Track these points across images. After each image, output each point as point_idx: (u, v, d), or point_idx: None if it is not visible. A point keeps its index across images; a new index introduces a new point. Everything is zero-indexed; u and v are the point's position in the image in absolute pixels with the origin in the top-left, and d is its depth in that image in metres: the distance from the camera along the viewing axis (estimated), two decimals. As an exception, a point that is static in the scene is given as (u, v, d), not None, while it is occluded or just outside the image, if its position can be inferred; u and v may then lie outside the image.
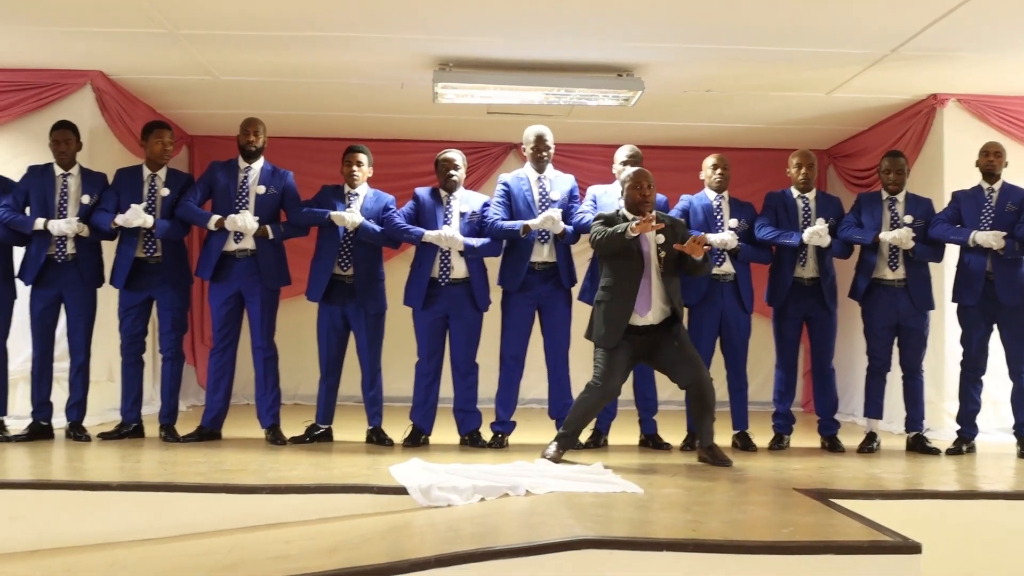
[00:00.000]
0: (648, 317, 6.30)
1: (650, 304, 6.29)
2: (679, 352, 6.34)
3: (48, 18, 6.92)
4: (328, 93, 8.76)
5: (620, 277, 6.33)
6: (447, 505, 5.00)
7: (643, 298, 6.29)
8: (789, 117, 9.33)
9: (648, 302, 6.29)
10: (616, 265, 6.35)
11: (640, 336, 6.32)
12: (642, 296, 6.29)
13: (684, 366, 6.35)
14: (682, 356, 6.34)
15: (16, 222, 6.86)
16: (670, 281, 6.34)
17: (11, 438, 6.91)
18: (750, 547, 4.07)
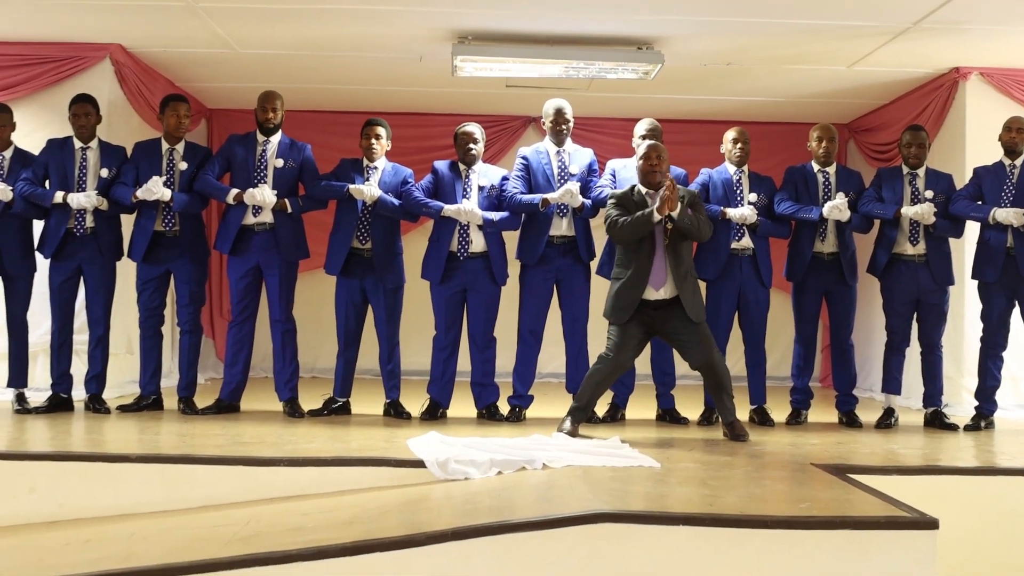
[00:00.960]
0: (662, 292, 6.29)
1: (664, 278, 6.28)
2: (692, 333, 6.31)
3: (67, -9, 6.93)
4: (347, 66, 8.74)
5: (634, 255, 6.33)
6: (464, 478, 5.01)
7: (657, 273, 6.27)
8: (810, 91, 9.27)
9: (663, 277, 6.28)
10: (630, 243, 6.35)
11: (654, 311, 6.31)
12: (656, 271, 6.27)
13: (695, 347, 6.33)
14: (694, 337, 6.32)
15: (36, 195, 6.88)
16: (679, 249, 6.30)
17: (31, 410, 6.95)
18: (767, 522, 4.06)
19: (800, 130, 7.79)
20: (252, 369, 7.41)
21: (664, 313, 6.32)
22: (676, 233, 6.26)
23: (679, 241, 6.31)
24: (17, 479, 5.14)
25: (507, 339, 7.25)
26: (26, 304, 7.11)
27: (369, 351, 7.32)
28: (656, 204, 6.18)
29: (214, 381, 9.35)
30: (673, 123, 8.89)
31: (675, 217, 6.21)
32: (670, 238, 6.26)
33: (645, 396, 7.42)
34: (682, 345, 6.39)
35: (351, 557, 3.88)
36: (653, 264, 6.27)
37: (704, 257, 7.14)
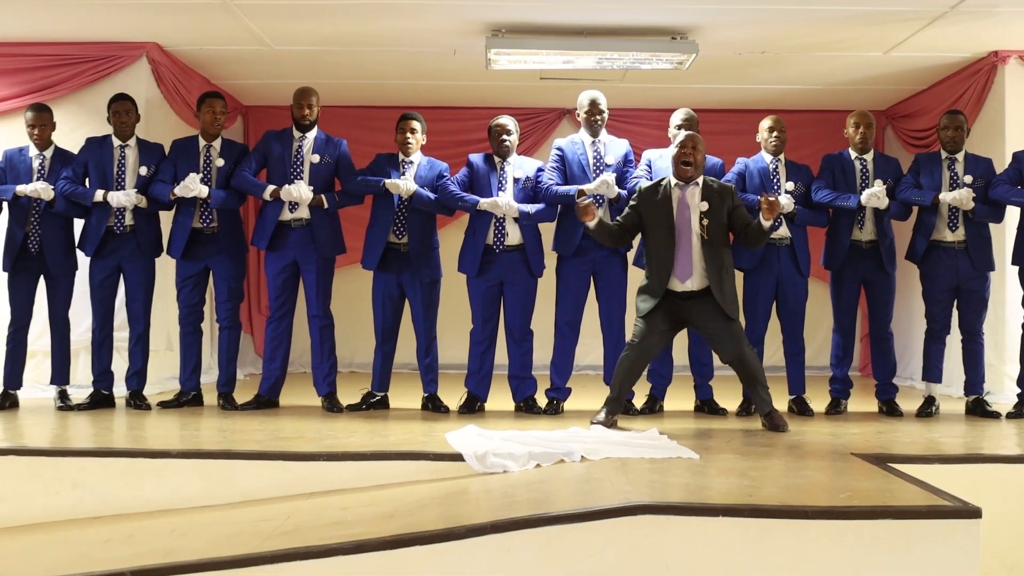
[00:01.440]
0: (688, 284, 6.27)
1: (691, 271, 6.26)
2: (722, 327, 6.28)
3: (103, -9, 6.99)
4: (381, 61, 8.76)
5: (654, 246, 6.35)
6: (503, 471, 5.02)
7: (683, 265, 6.25)
8: (846, 78, 9.20)
9: (689, 269, 6.26)
10: (649, 235, 6.38)
11: (683, 302, 6.30)
12: (682, 263, 6.25)
13: (726, 342, 6.30)
14: (725, 331, 6.29)
15: (76, 194, 6.94)
16: (716, 249, 6.28)
17: (73, 407, 7.02)
18: (807, 512, 4.04)
19: (837, 118, 7.74)
20: (291, 364, 7.43)
21: (694, 305, 6.30)
22: (718, 230, 6.25)
23: (722, 241, 6.30)
24: (60, 475, 5.19)
25: (544, 332, 7.25)
26: (68, 302, 7.18)
27: (407, 345, 7.34)
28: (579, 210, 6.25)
29: (253, 377, 9.40)
30: (708, 113, 8.84)
31: (591, 227, 6.29)
32: (707, 232, 6.24)
33: (683, 387, 7.40)
34: (712, 337, 6.37)
35: (391, 551, 3.90)
36: (677, 256, 6.26)
37: (741, 247, 7.10)
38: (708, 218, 6.25)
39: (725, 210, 6.30)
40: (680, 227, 6.28)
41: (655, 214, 6.34)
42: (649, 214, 6.37)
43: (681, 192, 6.33)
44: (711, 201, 6.27)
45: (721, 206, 6.27)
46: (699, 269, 6.26)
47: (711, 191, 6.32)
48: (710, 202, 6.27)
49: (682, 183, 6.34)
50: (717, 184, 6.37)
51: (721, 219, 6.29)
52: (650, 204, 6.36)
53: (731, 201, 6.32)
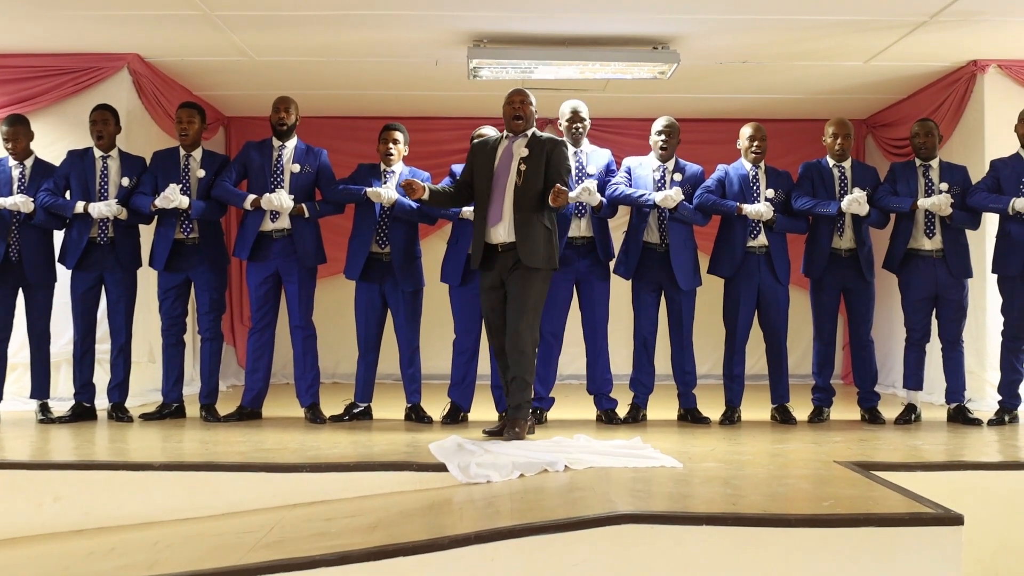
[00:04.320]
0: (500, 232, 6.17)
1: (501, 216, 6.18)
2: (516, 298, 6.14)
3: (84, 2, 6.96)
4: (363, 72, 8.76)
5: (477, 195, 6.31)
6: (486, 481, 5.01)
7: (495, 210, 6.20)
8: (826, 86, 9.25)
9: (499, 213, 6.18)
10: (475, 186, 6.34)
11: (499, 255, 6.19)
12: (494, 208, 6.20)
13: (511, 313, 6.17)
14: (516, 302, 6.15)
15: (57, 206, 6.92)
16: (531, 199, 6.15)
17: (54, 420, 6.99)
18: (791, 520, 4.05)
19: (818, 127, 7.75)
20: (273, 376, 7.42)
21: (507, 260, 6.18)
22: (531, 177, 6.15)
23: (534, 185, 6.15)
24: (42, 488, 5.16)
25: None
26: (47, 314, 7.15)
27: (390, 356, 7.33)
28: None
29: (236, 388, 9.39)
30: (690, 122, 8.86)
31: (424, 199, 6.34)
32: (523, 178, 6.16)
33: (666, 396, 7.42)
34: (507, 303, 6.22)
35: (375, 562, 3.89)
36: (491, 201, 6.21)
37: (720, 255, 7.14)
38: (526, 164, 6.19)
39: (544, 157, 6.21)
40: (498, 173, 6.24)
41: (481, 165, 6.33)
42: (477, 165, 6.35)
43: (509, 143, 6.32)
44: (533, 150, 6.22)
45: (541, 154, 6.21)
46: (509, 217, 6.17)
47: (536, 142, 6.27)
48: (531, 150, 6.23)
49: (512, 135, 6.33)
50: (546, 137, 6.32)
51: (540, 166, 6.19)
52: (480, 156, 6.36)
53: (551, 151, 6.22)
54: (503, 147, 6.31)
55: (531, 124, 6.34)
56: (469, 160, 6.45)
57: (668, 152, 7.06)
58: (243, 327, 10.04)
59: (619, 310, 7.55)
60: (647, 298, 7.12)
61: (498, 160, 6.27)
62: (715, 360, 8.06)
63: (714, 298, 7.32)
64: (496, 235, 6.19)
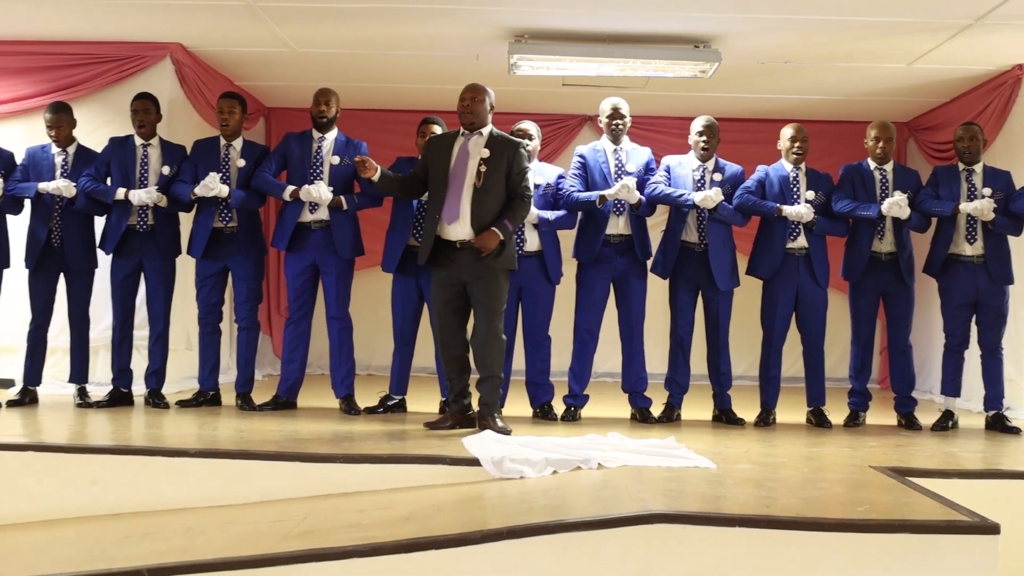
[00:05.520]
0: (457, 229, 6.15)
1: (457, 213, 6.15)
2: (483, 300, 6.17)
3: (129, -10, 7.03)
4: (404, 65, 8.78)
5: (431, 192, 6.31)
6: (519, 477, 5.01)
7: (450, 208, 6.16)
8: (869, 88, 9.18)
9: (456, 211, 6.15)
10: (430, 182, 6.33)
11: (455, 253, 6.18)
12: (449, 205, 6.17)
13: (479, 316, 6.21)
14: (484, 304, 6.18)
15: (98, 192, 6.97)
16: (492, 200, 6.16)
17: (92, 404, 7.06)
18: (824, 524, 4.03)
19: (859, 129, 7.70)
20: (309, 366, 7.44)
21: (465, 258, 6.18)
22: (492, 178, 6.15)
23: (494, 186, 6.17)
24: (79, 472, 5.22)
25: (562, 338, 7.24)
26: (87, 299, 7.21)
27: (425, 349, 7.35)
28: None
29: (271, 378, 9.43)
30: (730, 121, 8.83)
31: (373, 180, 6.38)
32: (482, 179, 6.14)
33: (701, 396, 7.39)
34: (473, 305, 6.26)
35: (406, 554, 3.90)
36: (447, 199, 6.17)
37: (759, 256, 7.10)
38: (486, 166, 6.18)
39: (505, 162, 6.20)
40: (455, 172, 6.21)
41: (437, 161, 6.31)
42: (433, 162, 6.34)
43: (464, 140, 6.30)
44: (493, 151, 6.21)
45: (501, 158, 6.19)
46: (467, 216, 6.14)
47: (495, 142, 6.25)
48: (492, 151, 6.21)
49: (467, 132, 6.32)
50: (505, 139, 6.32)
51: (501, 170, 6.19)
52: (435, 152, 6.35)
53: (512, 156, 6.22)
54: (459, 144, 6.30)
55: (484, 122, 6.32)
56: (424, 155, 6.47)
57: (708, 152, 7.04)
58: (280, 317, 10.08)
59: (655, 309, 7.52)
60: (684, 298, 7.09)
61: (455, 157, 6.25)
62: (751, 361, 8.01)
63: (751, 299, 7.28)
64: (454, 232, 6.17)
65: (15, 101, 8.16)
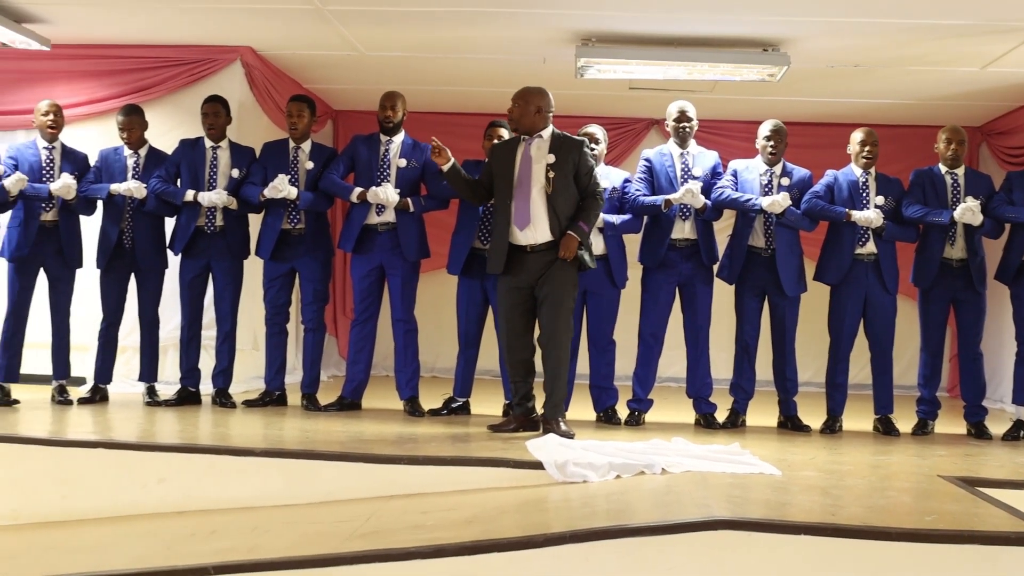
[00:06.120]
0: (529, 235, 6.18)
1: (528, 219, 6.16)
2: (551, 301, 6.17)
3: (201, -5, 7.12)
4: (470, 68, 8.80)
5: (497, 200, 6.34)
6: (582, 481, 5.01)
7: (520, 213, 6.17)
8: (940, 92, 9.05)
9: (526, 217, 6.16)
10: (495, 190, 6.36)
11: (528, 256, 6.20)
12: (519, 211, 6.18)
13: (546, 318, 6.21)
14: (551, 305, 6.18)
15: (168, 193, 7.07)
16: (564, 202, 6.17)
17: (161, 403, 7.15)
18: (891, 534, 3.98)
19: (929, 133, 7.60)
20: (374, 368, 7.48)
21: (540, 260, 6.20)
22: (561, 181, 6.15)
23: (565, 188, 6.17)
24: (148, 469, 5.30)
25: (626, 342, 7.22)
26: (157, 299, 7.32)
27: (489, 351, 7.36)
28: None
29: (336, 379, 9.50)
30: (798, 125, 8.76)
31: (444, 170, 6.42)
32: (552, 184, 6.14)
33: (767, 402, 7.33)
34: (539, 307, 6.26)
35: (469, 556, 3.91)
36: (515, 206, 6.19)
37: (827, 261, 7.02)
38: (554, 171, 6.16)
39: (571, 163, 6.20)
40: (520, 178, 6.21)
41: (501, 168, 6.31)
42: (497, 169, 6.35)
43: (526, 145, 6.29)
44: (558, 154, 6.20)
45: (567, 160, 6.19)
46: (539, 221, 6.15)
47: (558, 144, 6.25)
48: (557, 155, 6.19)
49: (527, 137, 6.31)
50: (566, 137, 6.31)
51: (568, 172, 6.19)
52: (499, 160, 6.36)
53: (577, 156, 6.22)
54: (521, 150, 6.31)
55: (541, 125, 6.32)
56: (488, 162, 6.50)
57: (776, 156, 6.98)
58: (345, 318, 10.14)
59: (721, 314, 7.47)
60: (751, 303, 7.04)
61: (518, 163, 6.27)
62: (817, 367, 7.94)
63: (818, 304, 7.21)
64: (524, 238, 6.20)
65: (89, 104, 8.31)
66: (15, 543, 5.00)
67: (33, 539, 5.03)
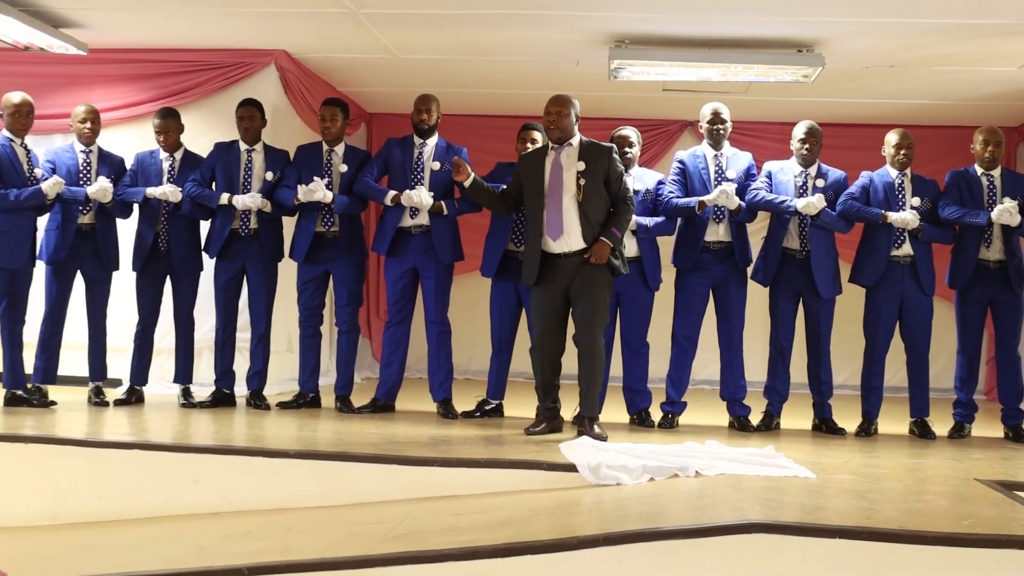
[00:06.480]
0: (563, 243, 6.21)
1: (561, 229, 6.18)
2: (587, 303, 6.20)
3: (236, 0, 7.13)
4: (504, 71, 8.81)
5: (528, 209, 6.39)
6: (616, 484, 5.00)
7: (553, 223, 6.20)
8: (977, 93, 8.98)
9: (559, 227, 6.19)
10: (526, 200, 6.40)
11: (562, 261, 6.23)
12: (551, 221, 6.21)
13: (582, 320, 6.24)
14: (588, 307, 6.21)
15: (203, 196, 7.11)
16: (596, 209, 6.22)
17: (196, 404, 7.20)
18: (928, 538, 3.95)
19: (966, 134, 7.53)
20: (407, 370, 7.50)
21: (573, 265, 6.24)
22: (592, 188, 6.20)
23: (596, 195, 6.22)
24: (183, 470, 5.33)
25: (660, 344, 7.20)
26: (193, 302, 7.36)
27: (523, 354, 7.34)
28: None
29: (370, 381, 9.52)
30: (833, 127, 8.71)
31: (465, 185, 6.52)
32: (583, 192, 6.18)
33: (801, 405, 7.29)
34: (574, 311, 6.30)
35: (503, 559, 3.92)
36: (547, 216, 6.22)
37: (862, 263, 6.98)
38: (584, 178, 6.19)
39: (601, 170, 6.23)
40: (551, 187, 6.23)
41: (531, 178, 6.33)
42: (527, 179, 6.36)
43: (556, 154, 6.30)
44: (588, 161, 6.22)
45: (597, 167, 6.22)
46: (572, 230, 6.18)
47: (587, 151, 6.27)
48: (587, 162, 6.22)
49: (556, 145, 6.31)
50: (594, 144, 6.32)
51: (599, 178, 6.23)
52: (528, 169, 6.37)
53: (607, 163, 6.26)
54: (551, 159, 6.33)
55: (572, 133, 6.36)
56: (517, 172, 6.51)
57: (810, 157, 6.94)
58: (379, 321, 10.18)
59: (754, 316, 7.43)
60: (785, 305, 7.00)
61: (548, 172, 6.29)
62: (852, 370, 7.88)
63: (853, 306, 7.16)
64: (558, 247, 6.23)
65: (126, 107, 8.37)
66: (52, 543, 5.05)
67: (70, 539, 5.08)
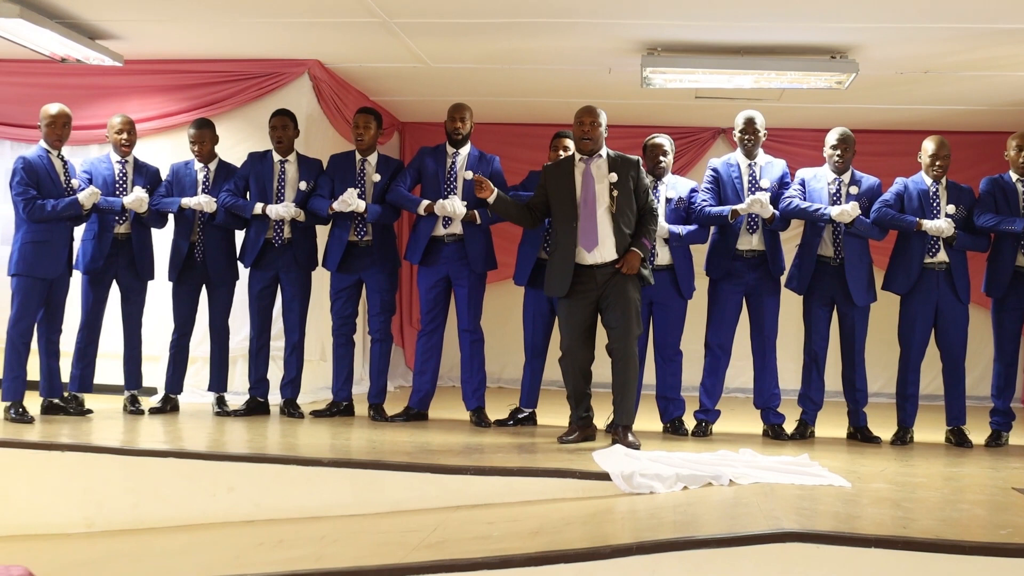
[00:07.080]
0: (597, 255, 6.23)
1: (596, 241, 6.21)
2: (621, 313, 6.21)
3: (269, 10, 7.16)
4: (536, 79, 8.81)
5: (557, 222, 6.37)
6: (649, 492, 4.99)
7: (587, 235, 6.23)
8: (1011, 98, 8.90)
9: (594, 239, 6.21)
10: (554, 211, 6.41)
11: (595, 271, 6.24)
12: (585, 233, 6.22)
13: (617, 329, 6.24)
14: (622, 318, 6.22)
15: (237, 206, 7.15)
16: (628, 220, 6.27)
17: (230, 413, 7.24)
18: (965, 547, 3.93)
19: (1001, 139, 7.47)
20: (440, 378, 7.51)
21: (604, 275, 6.26)
22: (624, 199, 6.26)
23: (627, 206, 6.27)
24: (217, 478, 5.36)
25: (693, 352, 7.18)
26: (228, 311, 7.41)
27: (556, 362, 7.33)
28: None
29: (403, 389, 9.54)
30: (866, 133, 8.66)
31: (489, 202, 6.54)
32: (616, 204, 6.23)
33: (836, 413, 7.25)
34: (607, 320, 6.30)
35: (536, 567, 3.92)
36: (581, 228, 6.23)
37: (896, 270, 6.93)
38: (617, 189, 6.23)
39: (631, 181, 6.28)
40: (584, 199, 6.25)
41: (559, 190, 6.34)
42: (554, 191, 6.37)
43: (585, 165, 6.31)
44: (619, 173, 6.26)
45: (627, 179, 6.27)
46: (606, 240, 6.21)
47: (617, 163, 6.31)
48: (618, 174, 6.26)
49: (585, 157, 6.32)
50: (622, 157, 6.35)
51: (629, 190, 6.28)
52: (556, 181, 6.38)
53: (636, 174, 6.32)
54: (580, 170, 6.34)
55: (602, 144, 6.41)
56: (542, 184, 6.51)
57: (844, 164, 6.91)
58: (412, 329, 10.19)
59: (788, 324, 7.40)
60: (819, 313, 6.97)
61: (579, 184, 6.31)
62: (887, 378, 7.85)
63: (888, 314, 7.12)
64: (591, 258, 6.25)
65: (161, 118, 8.43)
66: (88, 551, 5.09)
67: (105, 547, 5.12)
